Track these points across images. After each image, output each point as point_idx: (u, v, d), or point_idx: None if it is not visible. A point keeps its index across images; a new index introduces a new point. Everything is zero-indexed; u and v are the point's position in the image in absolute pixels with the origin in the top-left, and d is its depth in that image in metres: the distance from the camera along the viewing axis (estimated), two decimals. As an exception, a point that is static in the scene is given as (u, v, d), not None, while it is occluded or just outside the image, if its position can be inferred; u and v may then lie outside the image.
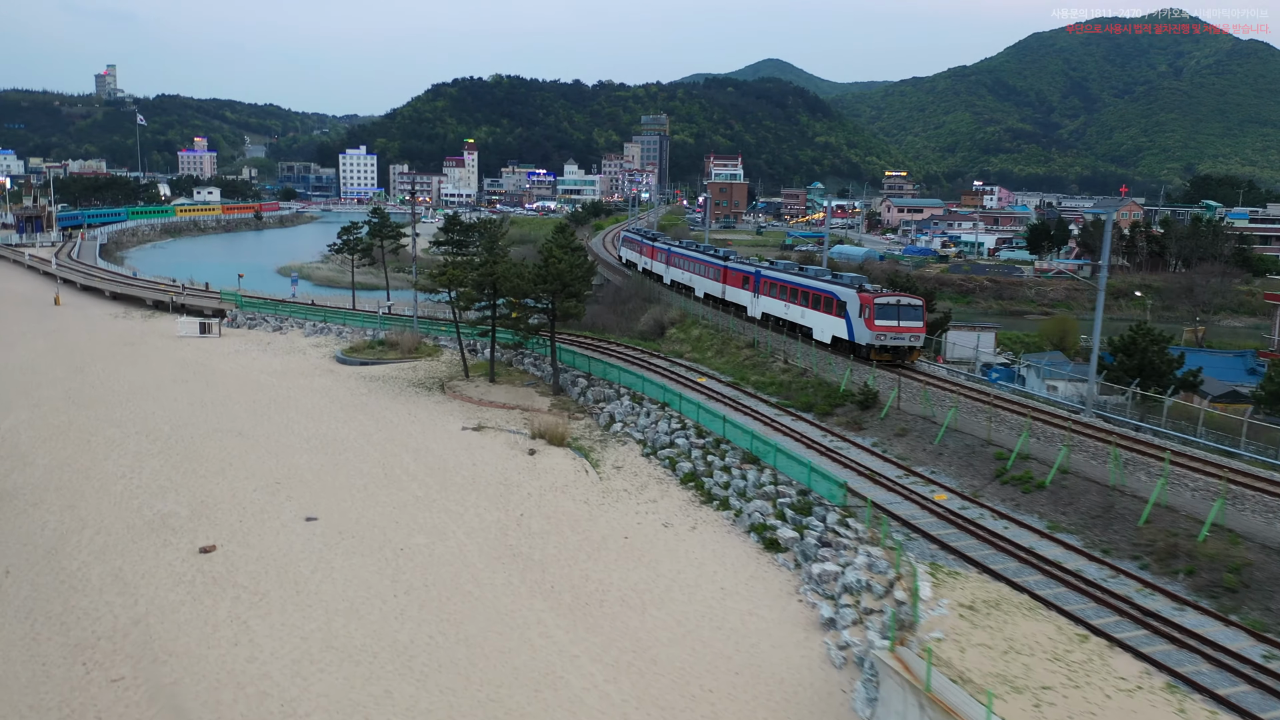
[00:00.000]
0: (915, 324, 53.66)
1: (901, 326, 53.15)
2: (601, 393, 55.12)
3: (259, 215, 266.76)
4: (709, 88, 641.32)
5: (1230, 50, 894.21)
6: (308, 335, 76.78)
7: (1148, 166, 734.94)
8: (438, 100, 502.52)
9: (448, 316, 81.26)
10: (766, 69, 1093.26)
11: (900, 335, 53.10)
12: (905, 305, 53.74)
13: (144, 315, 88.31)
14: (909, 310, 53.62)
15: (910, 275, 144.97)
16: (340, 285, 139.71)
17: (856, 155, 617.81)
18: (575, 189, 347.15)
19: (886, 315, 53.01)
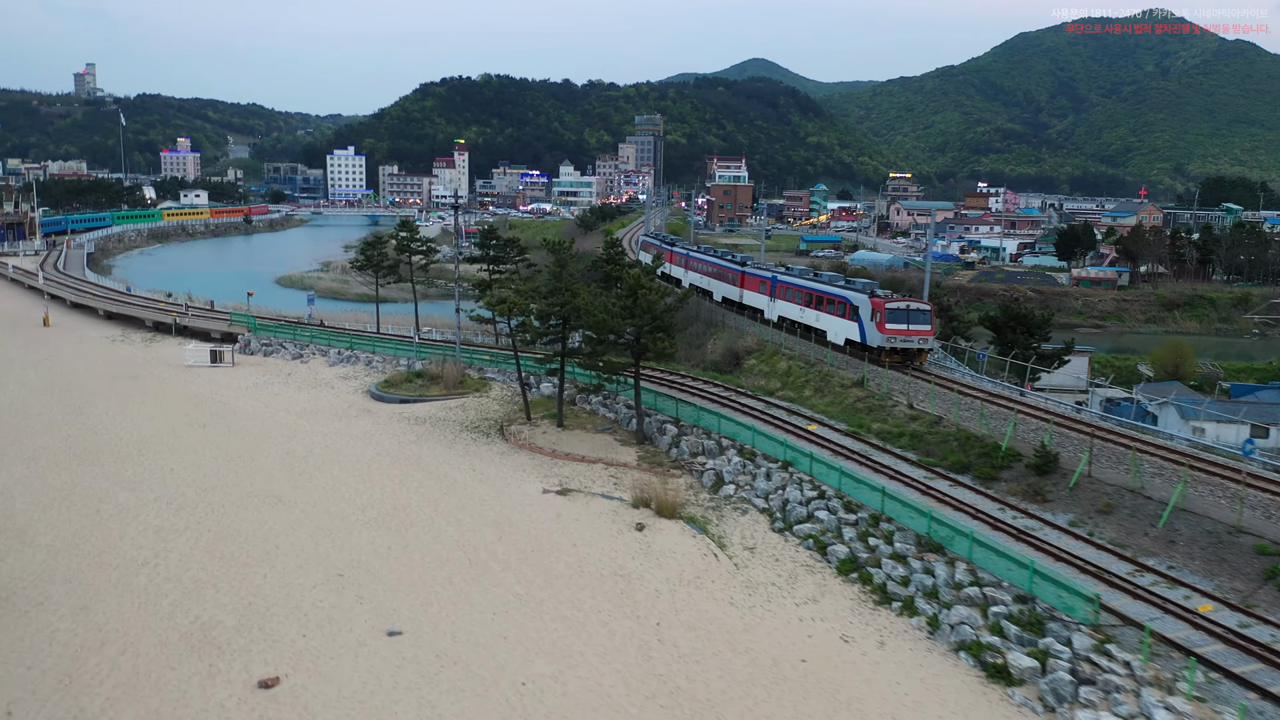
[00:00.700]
0: (924, 327, 56.53)
1: (911, 330, 56.05)
2: (698, 443, 47.19)
3: (248, 219, 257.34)
4: (699, 87, 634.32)
5: (1217, 50, 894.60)
6: (332, 365, 68.47)
7: (1137, 167, 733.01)
8: (426, 100, 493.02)
9: (486, 339, 73.36)
10: (753, 68, 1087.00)
11: (910, 338, 55.97)
12: (914, 310, 56.69)
13: (144, 339, 79.69)
14: (918, 314, 56.56)
15: (941, 284, 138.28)
16: (346, 297, 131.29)
17: (849, 156, 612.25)
18: (571, 191, 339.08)
19: (897, 319, 55.94)
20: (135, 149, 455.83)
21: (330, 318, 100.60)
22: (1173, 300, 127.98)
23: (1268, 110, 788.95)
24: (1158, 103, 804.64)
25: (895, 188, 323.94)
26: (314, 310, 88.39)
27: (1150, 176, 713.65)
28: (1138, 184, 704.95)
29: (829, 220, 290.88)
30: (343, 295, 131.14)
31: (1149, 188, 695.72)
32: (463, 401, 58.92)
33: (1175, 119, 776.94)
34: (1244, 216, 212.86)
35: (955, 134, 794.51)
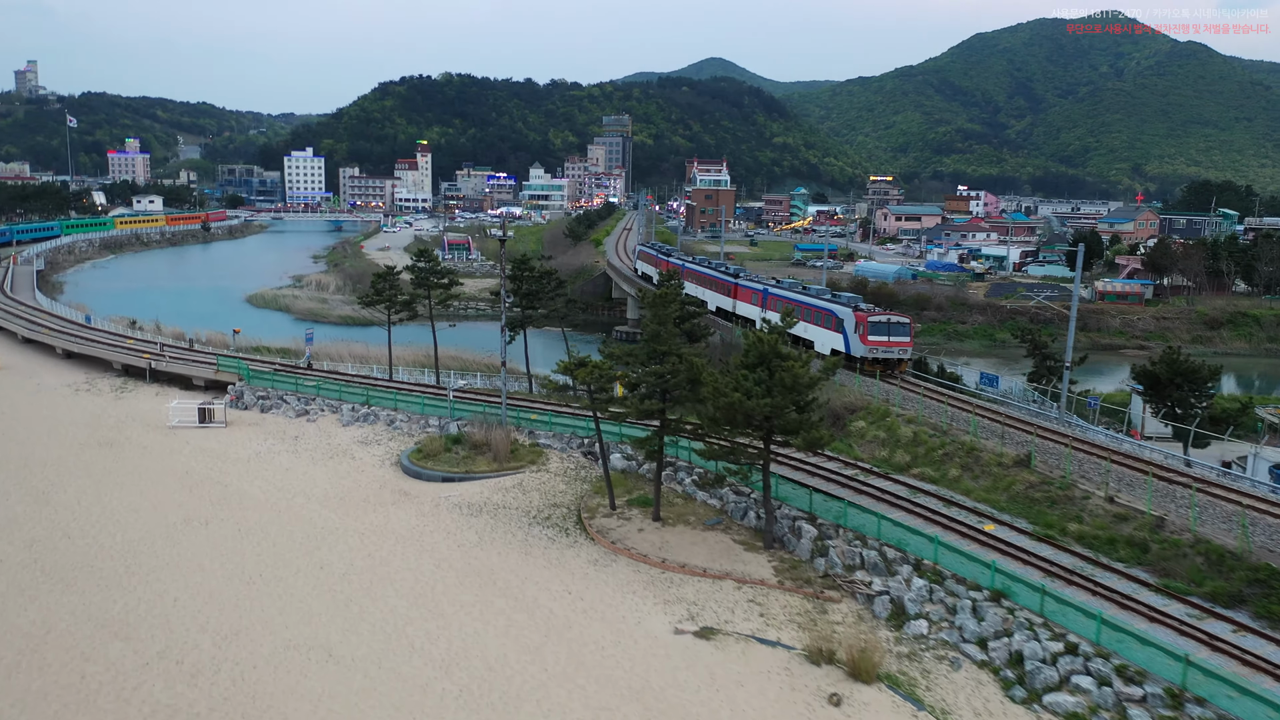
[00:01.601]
0: (904, 339, 61.07)
1: (891, 341, 60.65)
2: (852, 553, 37.19)
3: (206, 226, 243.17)
4: (664, 87, 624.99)
5: (1170, 52, 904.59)
6: (347, 424, 57.43)
7: (1096, 167, 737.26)
8: (386, 100, 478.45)
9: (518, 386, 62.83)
10: (711, 67, 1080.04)
11: (890, 349, 60.69)
12: (895, 323, 61.56)
13: (114, 388, 67.90)
14: (898, 327, 61.30)
15: (970, 302, 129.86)
16: (327, 319, 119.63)
17: (815, 156, 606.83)
18: (542, 194, 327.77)
19: (878, 331, 60.55)
20: (81, 150, 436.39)
21: (327, 351, 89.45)
22: (1214, 318, 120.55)
23: (1221, 111, 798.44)
24: (1114, 103, 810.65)
25: (876, 191, 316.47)
26: (311, 351, 76.66)
27: (1109, 177, 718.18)
28: (1098, 184, 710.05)
29: (811, 225, 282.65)
30: (323, 317, 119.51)
31: (1108, 188, 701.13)
32: (519, 479, 48.42)
33: (1131, 119, 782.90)
34: (1249, 223, 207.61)
35: (917, 134, 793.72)
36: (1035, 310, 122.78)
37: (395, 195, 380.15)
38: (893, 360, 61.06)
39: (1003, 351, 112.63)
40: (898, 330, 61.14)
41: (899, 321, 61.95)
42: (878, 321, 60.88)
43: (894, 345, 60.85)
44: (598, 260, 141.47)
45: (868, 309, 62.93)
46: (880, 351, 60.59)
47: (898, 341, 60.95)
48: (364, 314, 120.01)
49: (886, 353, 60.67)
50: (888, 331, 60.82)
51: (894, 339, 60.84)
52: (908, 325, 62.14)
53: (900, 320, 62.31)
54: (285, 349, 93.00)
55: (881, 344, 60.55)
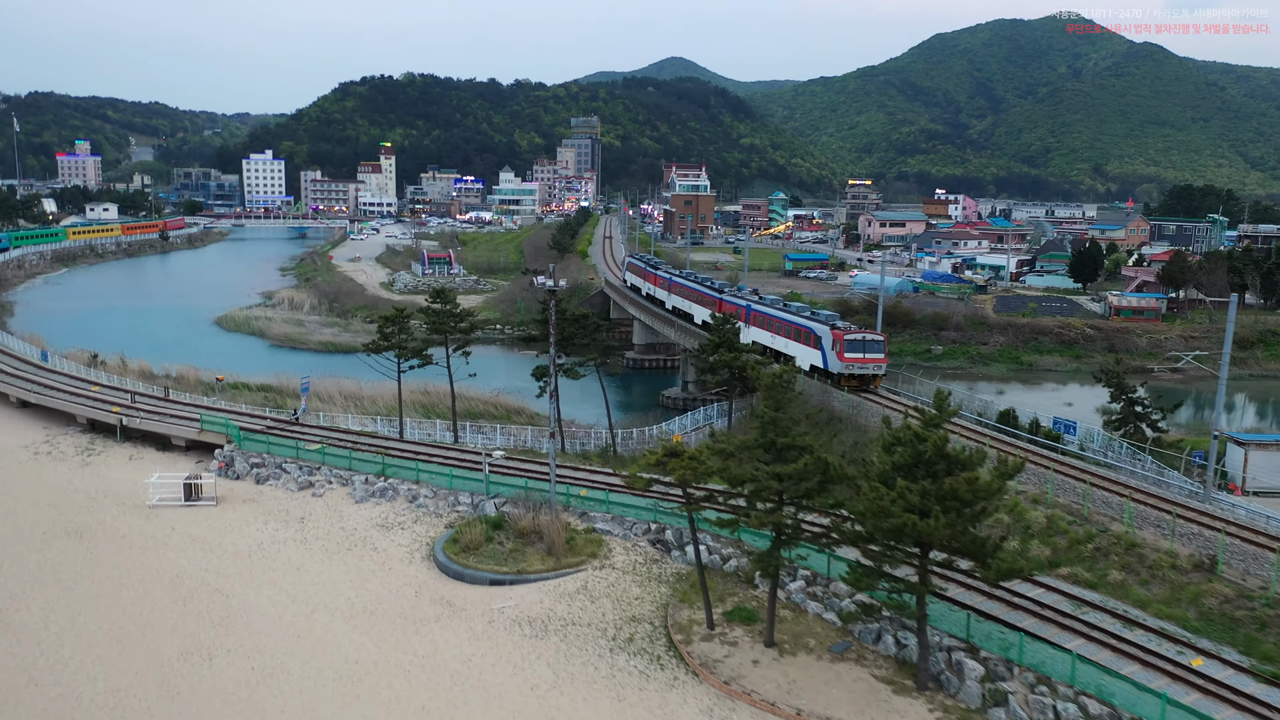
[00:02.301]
0: (878, 355, 64.40)
1: (866, 358, 63.75)
2: (1043, 705, 29.65)
3: (164, 235, 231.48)
4: (629, 87, 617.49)
5: (1126, 52, 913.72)
6: (360, 500, 48.88)
7: (1058, 167, 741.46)
8: (347, 100, 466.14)
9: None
10: (672, 67, 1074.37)
11: (865, 365, 63.73)
12: (870, 340, 64.95)
13: (79, 449, 58.74)
14: (873, 345, 64.65)
15: (990, 321, 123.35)
16: (306, 346, 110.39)
17: (782, 157, 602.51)
18: (513, 199, 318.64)
19: (854, 349, 63.63)
20: (28, 152, 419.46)
21: (315, 389, 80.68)
22: (1245, 337, 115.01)
23: (1177, 111, 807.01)
24: (1073, 103, 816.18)
25: (855, 195, 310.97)
26: (305, 403, 67.83)
27: (1071, 177, 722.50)
28: (1060, 184, 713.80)
29: (790, 230, 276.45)
30: (302, 343, 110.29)
31: (1070, 188, 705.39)
32: (582, 580, 40.35)
33: (1091, 120, 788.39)
34: (1242, 229, 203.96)
35: (880, 134, 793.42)
36: (1059, 331, 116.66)
37: (359, 199, 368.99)
38: (868, 376, 64.87)
39: (1031, 377, 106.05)
40: (872, 347, 64.93)
41: (874, 339, 65.79)
42: (854, 340, 64.68)
43: (869, 362, 64.46)
44: (592, 277, 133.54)
45: (844, 327, 66.84)
46: (856, 368, 64.16)
47: (872, 358, 64.62)
48: (345, 339, 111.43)
49: (862, 369, 64.29)
50: (863, 349, 64.50)
51: (869, 355, 64.49)
52: (882, 343, 66.06)
53: (875, 338, 66.14)
54: (268, 387, 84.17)
55: (857, 360, 64.07)
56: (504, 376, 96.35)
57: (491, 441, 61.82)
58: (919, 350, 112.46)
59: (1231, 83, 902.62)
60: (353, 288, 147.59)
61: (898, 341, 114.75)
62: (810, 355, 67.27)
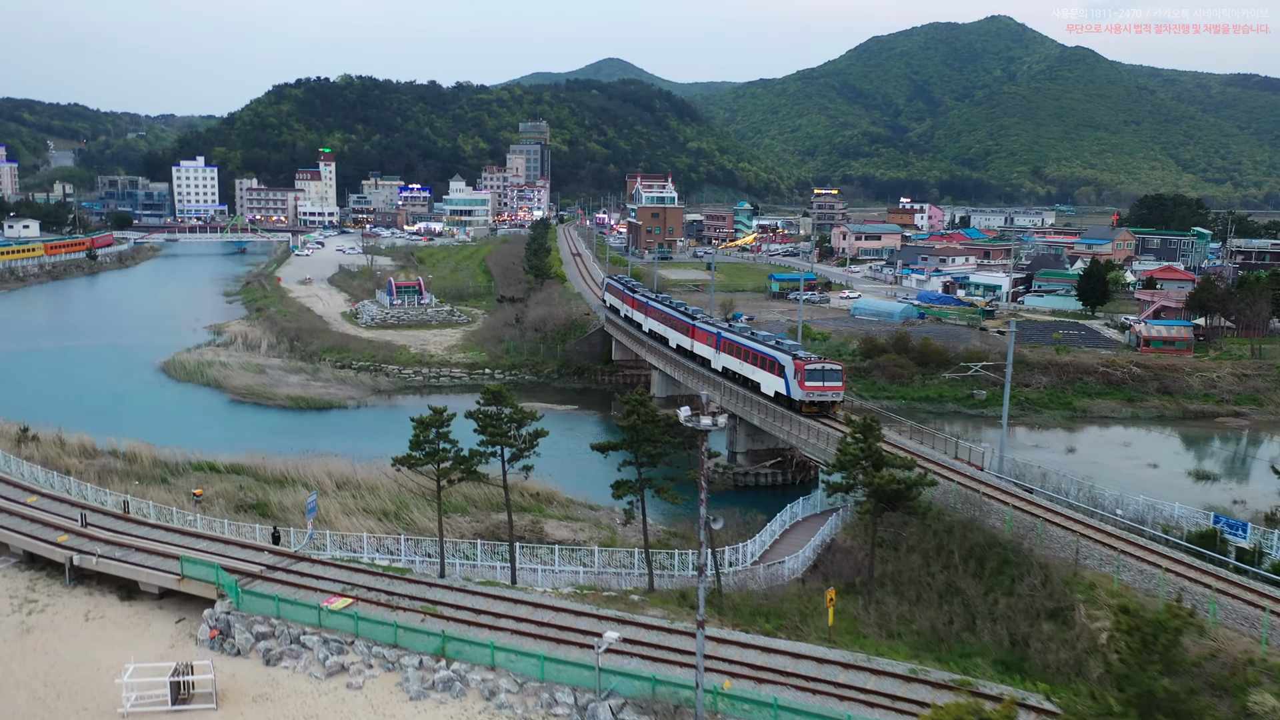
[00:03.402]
0: (836, 384, 69.58)
1: (826, 386, 69.01)
2: None
3: (92, 254, 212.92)
4: (573, 90, 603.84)
5: (1059, 56, 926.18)
6: (414, 696, 35.37)
7: (998, 170, 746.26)
8: (282, 103, 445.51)
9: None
10: (609, 68, 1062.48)
11: (825, 393, 69.00)
12: (829, 370, 70.00)
13: (15, 598, 44.16)
14: (831, 374, 69.70)
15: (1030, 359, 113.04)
16: (273, 401, 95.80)
17: (729, 161, 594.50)
18: (464, 209, 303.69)
19: (814, 378, 68.75)
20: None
21: (294, 470, 67.26)
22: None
23: (1111, 114, 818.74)
24: (1010, 107, 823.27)
25: (822, 205, 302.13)
26: (313, 525, 53.94)
27: (1011, 179, 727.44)
28: (1001, 187, 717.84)
29: (759, 242, 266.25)
30: (268, 398, 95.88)
31: (1012, 190, 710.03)
32: None
33: (1028, 123, 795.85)
34: (1234, 245, 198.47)
35: (823, 137, 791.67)
36: (1104, 370, 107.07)
37: (298, 209, 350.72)
38: (827, 403, 69.29)
39: (1086, 425, 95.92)
40: (831, 376, 69.36)
41: (832, 369, 70.21)
42: (814, 369, 68.98)
43: (828, 390, 68.83)
44: (587, 312, 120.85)
45: (805, 357, 70.84)
46: (816, 395, 68.63)
47: (831, 386, 69.04)
48: (317, 390, 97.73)
49: (821, 396, 68.82)
50: (822, 378, 68.87)
51: (828, 384, 68.93)
52: (839, 372, 70.73)
53: (833, 368, 70.52)
54: (241, 469, 70.34)
55: (817, 389, 68.45)
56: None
57: (553, 575, 49.14)
58: (960, 395, 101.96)
59: (1158, 86, 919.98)
60: (313, 321, 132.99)
61: (935, 385, 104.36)
62: (775, 383, 72.20)
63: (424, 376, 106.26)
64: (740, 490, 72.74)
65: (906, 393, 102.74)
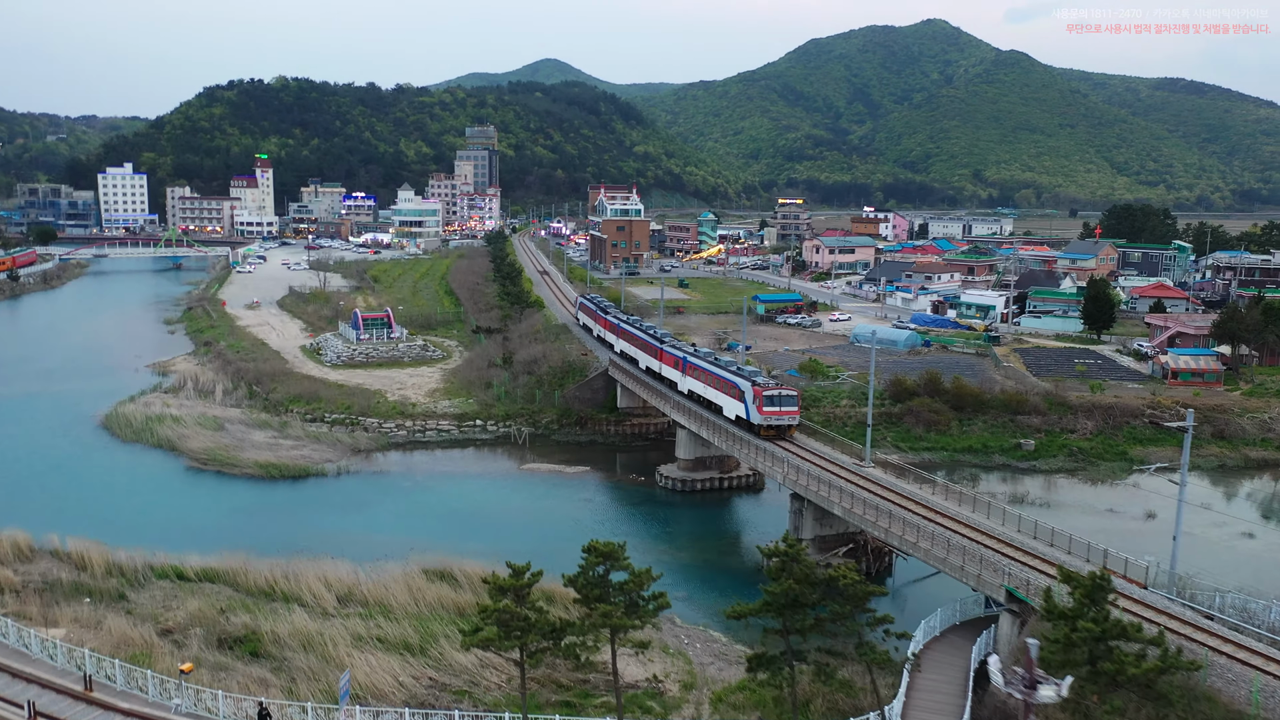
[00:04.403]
0: (792, 409, 73.73)
1: (783, 410, 73.05)
2: None
3: (15, 275, 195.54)
4: (516, 93, 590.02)
5: (994, 60, 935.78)
6: None
7: (940, 173, 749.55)
8: (214, 106, 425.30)
9: None
10: (546, 69, 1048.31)
11: (781, 417, 73.01)
12: (785, 395, 73.75)
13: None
14: (788, 399, 73.64)
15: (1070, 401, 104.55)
16: (238, 467, 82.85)
17: (676, 165, 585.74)
18: (414, 220, 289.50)
19: (772, 403, 72.67)
20: None
21: (277, 580, 55.51)
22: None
23: (1046, 118, 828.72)
24: (949, 110, 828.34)
25: (785, 215, 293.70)
26: (345, 708, 41.67)
27: (954, 182, 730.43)
28: (944, 190, 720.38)
29: (725, 255, 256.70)
30: (232, 464, 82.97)
31: (954, 193, 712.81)
32: None
33: (967, 126, 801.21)
34: (1219, 259, 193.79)
35: (767, 140, 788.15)
36: (1151, 413, 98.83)
37: (235, 218, 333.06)
38: (784, 426, 73.21)
39: (1157, 485, 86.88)
40: (787, 401, 73.18)
41: (788, 394, 73.74)
42: (771, 395, 72.52)
43: (784, 414, 72.81)
44: (584, 353, 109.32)
45: (764, 383, 74.55)
46: (774, 419, 72.45)
47: (787, 410, 73.03)
48: (289, 453, 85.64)
49: (779, 420, 72.63)
50: (779, 403, 72.60)
51: (784, 409, 72.81)
52: (795, 397, 74.42)
53: (789, 393, 74.01)
54: (214, 574, 58.12)
55: (774, 413, 72.35)
56: (518, 519, 71.85)
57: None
58: (1005, 445, 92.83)
59: (1090, 89, 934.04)
60: (271, 359, 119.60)
61: (973, 433, 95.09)
62: (735, 407, 75.77)
63: (408, 431, 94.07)
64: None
65: (946, 442, 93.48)
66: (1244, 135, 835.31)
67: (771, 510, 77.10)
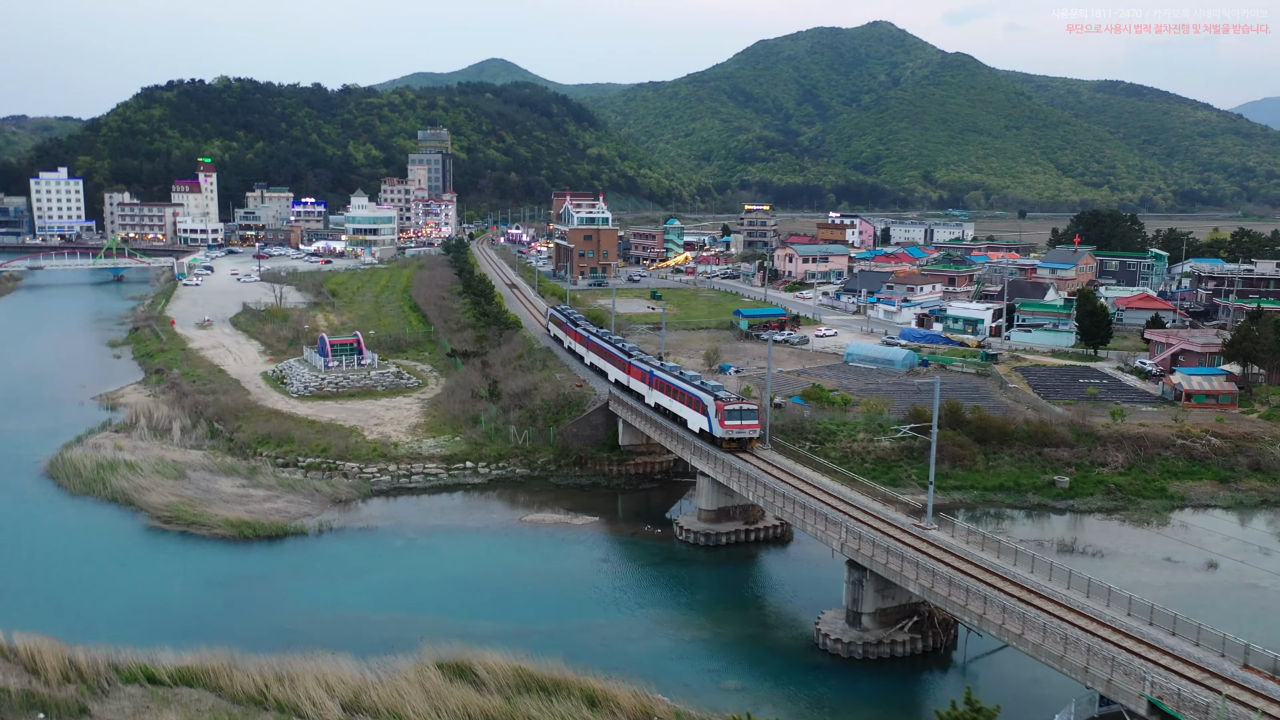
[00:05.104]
0: (753, 422, 76.05)
1: (743, 424, 75.34)
2: None
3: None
4: (466, 94, 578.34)
5: (940, 62, 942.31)
6: None
7: (890, 174, 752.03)
8: (152, 108, 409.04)
9: None
10: (493, 69, 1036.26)
11: (743, 430, 75.38)
12: (746, 409, 75.91)
13: None
14: (749, 413, 75.88)
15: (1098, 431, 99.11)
16: (208, 531, 73.67)
17: (630, 168, 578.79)
18: (370, 227, 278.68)
19: (733, 416, 74.94)
20: None
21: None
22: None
23: (992, 120, 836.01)
24: (898, 111, 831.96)
25: (752, 221, 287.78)
26: None
27: (904, 184, 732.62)
28: (895, 192, 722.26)
29: (692, 263, 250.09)
30: (199, 523, 73.61)
31: (905, 195, 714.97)
32: None
33: (916, 128, 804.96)
34: (1192, 267, 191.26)
35: (718, 142, 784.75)
36: (1182, 443, 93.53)
37: (178, 225, 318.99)
38: (745, 439, 75.41)
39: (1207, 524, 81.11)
40: (748, 415, 75.26)
41: (749, 409, 75.68)
42: (732, 409, 74.64)
43: (745, 427, 75.06)
44: (579, 384, 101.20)
45: (725, 397, 76.50)
46: (735, 433, 74.67)
47: (748, 424, 75.20)
48: (262, 504, 76.91)
49: (740, 433, 74.89)
50: (740, 416, 74.79)
51: (745, 422, 74.99)
52: (755, 411, 76.39)
53: (749, 407, 75.89)
54: (190, 676, 49.59)
55: (736, 426, 74.61)
56: (529, 586, 63.89)
57: None
58: (1038, 483, 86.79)
59: (1034, 91, 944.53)
60: (231, 390, 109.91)
61: (1002, 469, 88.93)
62: (699, 420, 78.25)
63: (392, 476, 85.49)
64: (870, 664, 55.47)
65: (975, 480, 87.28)
66: (1182, 137, 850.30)
67: (806, 567, 70.11)
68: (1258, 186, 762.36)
